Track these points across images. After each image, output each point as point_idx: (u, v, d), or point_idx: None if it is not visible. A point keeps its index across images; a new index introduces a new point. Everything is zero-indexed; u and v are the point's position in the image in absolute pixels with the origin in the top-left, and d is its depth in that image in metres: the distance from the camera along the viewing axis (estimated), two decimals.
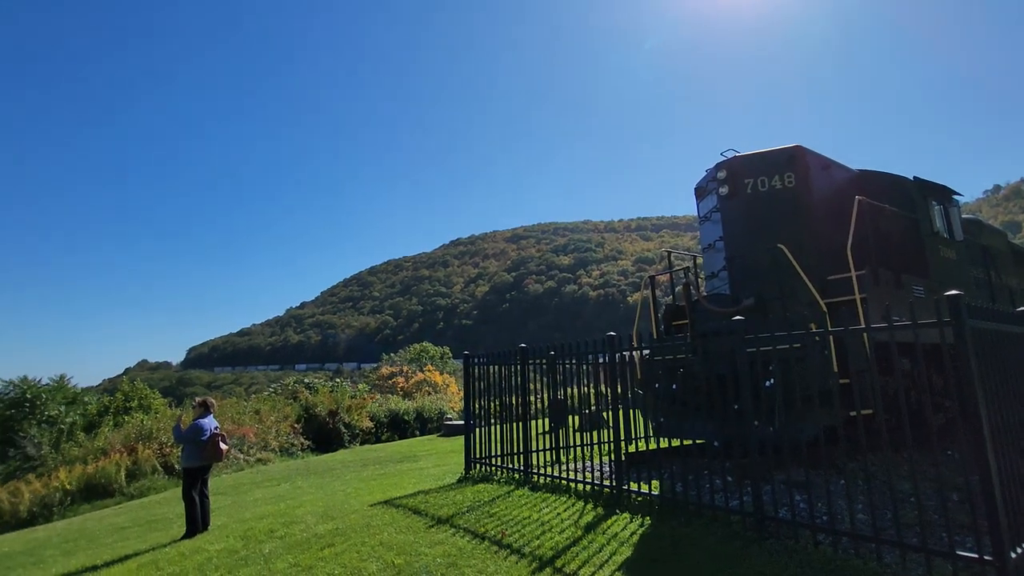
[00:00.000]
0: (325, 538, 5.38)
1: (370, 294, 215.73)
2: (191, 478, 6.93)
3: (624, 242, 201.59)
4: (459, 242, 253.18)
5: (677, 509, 5.14)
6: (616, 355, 6.24)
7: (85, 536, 8.62)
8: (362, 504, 6.81)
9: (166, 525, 8.18)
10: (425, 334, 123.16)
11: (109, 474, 14.48)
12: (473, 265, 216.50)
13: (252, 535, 5.89)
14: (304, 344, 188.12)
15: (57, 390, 22.19)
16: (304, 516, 6.45)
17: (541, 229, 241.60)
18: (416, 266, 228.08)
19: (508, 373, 7.92)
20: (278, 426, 18.59)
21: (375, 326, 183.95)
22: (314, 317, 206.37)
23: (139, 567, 5.43)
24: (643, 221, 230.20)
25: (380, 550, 4.85)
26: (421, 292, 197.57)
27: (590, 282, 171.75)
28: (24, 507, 13.45)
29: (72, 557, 7.03)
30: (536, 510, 5.73)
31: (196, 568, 5.03)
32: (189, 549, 5.80)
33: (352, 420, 20.30)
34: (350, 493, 8.15)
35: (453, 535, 5.11)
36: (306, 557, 4.88)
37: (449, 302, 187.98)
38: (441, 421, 22.53)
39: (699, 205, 8.65)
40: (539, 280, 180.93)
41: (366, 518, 5.98)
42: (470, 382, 8.47)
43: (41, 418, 20.55)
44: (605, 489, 5.98)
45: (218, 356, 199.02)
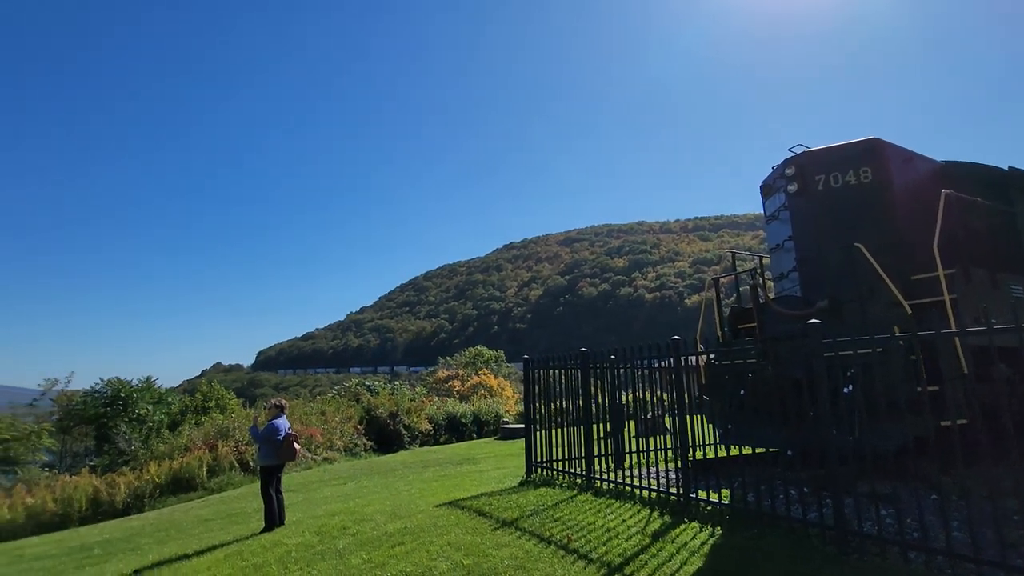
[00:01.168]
0: (395, 536, 5.56)
1: (426, 299, 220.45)
2: (268, 476, 7.32)
3: (681, 243, 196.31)
4: (512, 246, 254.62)
5: (750, 520, 4.96)
6: (681, 359, 6.10)
7: (174, 526, 9.28)
8: (427, 504, 6.98)
9: (245, 519, 8.68)
10: (479, 338, 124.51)
11: (192, 469, 15.51)
12: (526, 269, 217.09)
13: (326, 531, 6.17)
14: (364, 348, 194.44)
15: (145, 390, 23.87)
16: (373, 515, 6.68)
17: (595, 231, 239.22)
18: (470, 270, 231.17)
19: (569, 377, 7.90)
20: (342, 427, 19.31)
21: (431, 330, 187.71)
22: (373, 321, 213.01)
23: (226, 557, 5.81)
24: (700, 221, 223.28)
25: (448, 550, 4.95)
26: (475, 296, 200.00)
27: (646, 284, 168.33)
28: (120, 498, 14.61)
29: (165, 545, 7.59)
30: (601, 516, 5.69)
31: (277, 560, 5.32)
32: (269, 542, 6.14)
33: (411, 422, 20.82)
34: (414, 493, 8.37)
35: (519, 538, 5.15)
36: (378, 554, 5.06)
37: (503, 306, 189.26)
38: (498, 424, 22.71)
39: (765, 204, 8.34)
40: (593, 283, 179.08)
41: (432, 518, 6.13)
42: (530, 386, 8.51)
43: (132, 416, 22.13)
44: (671, 497, 5.85)
45: (284, 359, 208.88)
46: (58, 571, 7.15)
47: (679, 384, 6.03)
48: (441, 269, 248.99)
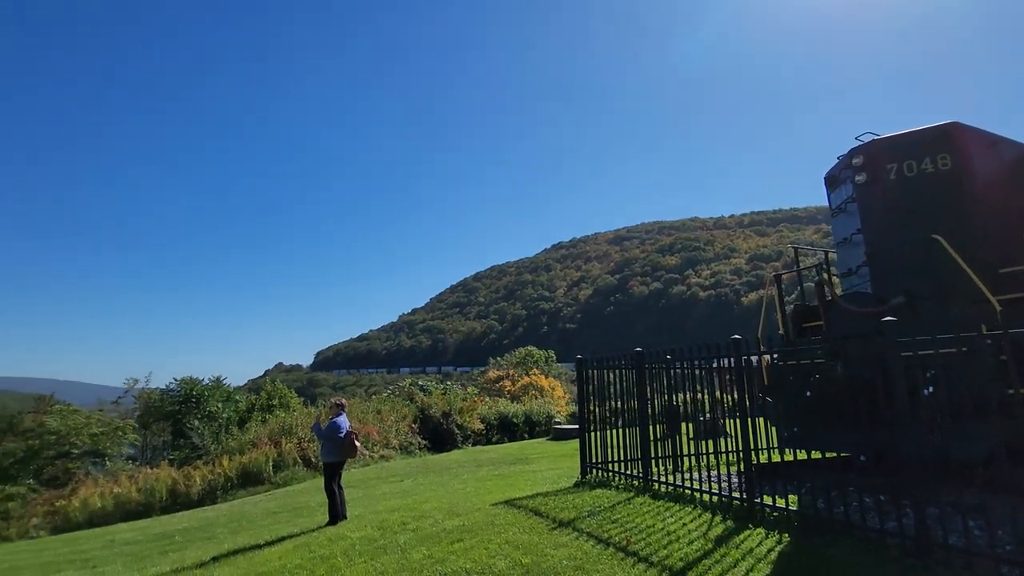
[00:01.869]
0: (453, 533, 5.65)
1: (476, 299, 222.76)
2: (331, 472, 7.61)
3: (736, 239, 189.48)
4: (561, 245, 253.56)
5: (820, 527, 4.73)
6: (742, 359, 5.90)
7: (245, 518, 9.79)
8: (484, 503, 7.06)
9: (310, 512, 9.05)
10: (529, 338, 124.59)
11: (259, 464, 16.31)
12: (575, 268, 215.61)
13: (387, 526, 6.35)
14: (416, 348, 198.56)
15: (215, 389, 25.24)
16: (431, 511, 6.82)
17: (645, 229, 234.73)
18: (519, 271, 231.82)
19: (623, 378, 7.80)
20: (397, 425, 19.80)
21: (481, 330, 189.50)
22: (424, 322, 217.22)
23: (294, 548, 6.09)
24: (757, 216, 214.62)
25: (507, 548, 4.99)
26: (525, 297, 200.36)
27: (699, 282, 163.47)
28: (196, 490, 15.56)
29: (238, 535, 8.03)
30: (660, 519, 5.58)
31: (342, 552, 5.53)
32: (333, 535, 6.39)
33: (464, 421, 21.10)
34: (470, 492, 8.48)
35: (577, 538, 5.13)
36: (438, 550, 5.17)
37: (552, 306, 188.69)
38: (549, 425, 22.66)
39: (831, 196, 7.93)
40: (644, 282, 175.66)
41: (489, 516, 6.19)
42: (583, 387, 8.46)
43: (203, 413, 23.47)
44: (734, 501, 5.66)
45: (341, 359, 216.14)
46: (144, 556, 7.70)
47: (741, 385, 5.83)
48: (490, 270, 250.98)
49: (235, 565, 5.79)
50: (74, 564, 7.74)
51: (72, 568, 7.45)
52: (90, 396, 28.17)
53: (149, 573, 6.15)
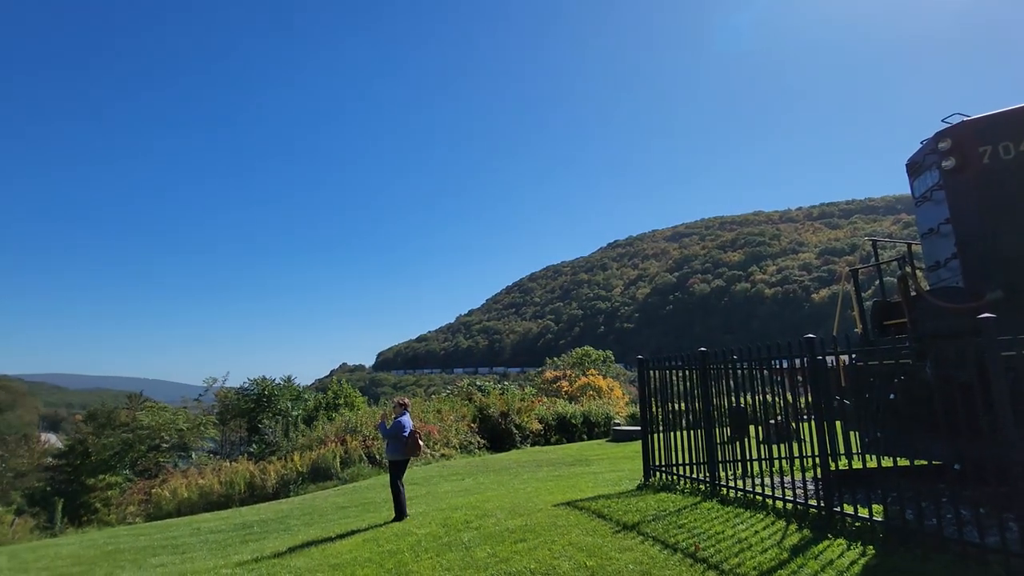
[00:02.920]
0: (516, 533, 5.68)
1: (531, 300, 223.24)
2: (396, 469, 7.83)
3: (805, 232, 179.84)
4: (617, 244, 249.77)
5: (909, 540, 4.40)
6: (816, 359, 5.59)
7: (316, 511, 10.24)
8: (545, 504, 7.05)
9: (376, 508, 9.36)
10: (586, 338, 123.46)
11: (328, 460, 17.01)
12: (632, 267, 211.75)
13: (451, 524, 6.46)
14: (473, 349, 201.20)
15: (286, 388, 26.52)
16: (494, 511, 6.88)
17: (705, 225, 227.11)
18: (575, 271, 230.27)
19: (686, 378, 7.58)
20: (457, 425, 20.11)
21: (537, 331, 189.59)
22: (481, 323, 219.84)
23: (363, 542, 6.31)
24: (827, 207, 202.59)
25: (570, 550, 4.96)
26: (581, 296, 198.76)
27: (765, 279, 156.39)
28: (271, 483, 16.44)
29: (311, 528, 8.41)
30: (729, 525, 5.37)
31: (409, 548, 5.67)
32: (400, 531, 6.57)
33: (522, 422, 21.15)
34: (531, 492, 8.49)
35: (642, 542, 5.02)
36: (502, 549, 5.20)
37: (609, 305, 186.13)
38: (609, 426, 22.34)
39: (914, 184, 7.37)
40: (705, 279, 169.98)
41: (551, 517, 6.18)
42: (645, 387, 8.28)
43: (275, 411, 24.73)
44: (811, 509, 5.37)
45: (401, 360, 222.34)
46: (228, 543, 8.21)
47: (815, 387, 5.52)
48: (545, 270, 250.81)
49: (310, 556, 6.06)
50: (167, 549, 8.36)
51: (165, 553, 8.06)
52: (175, 394, 30.34)
53: (232, 560, 6.54)
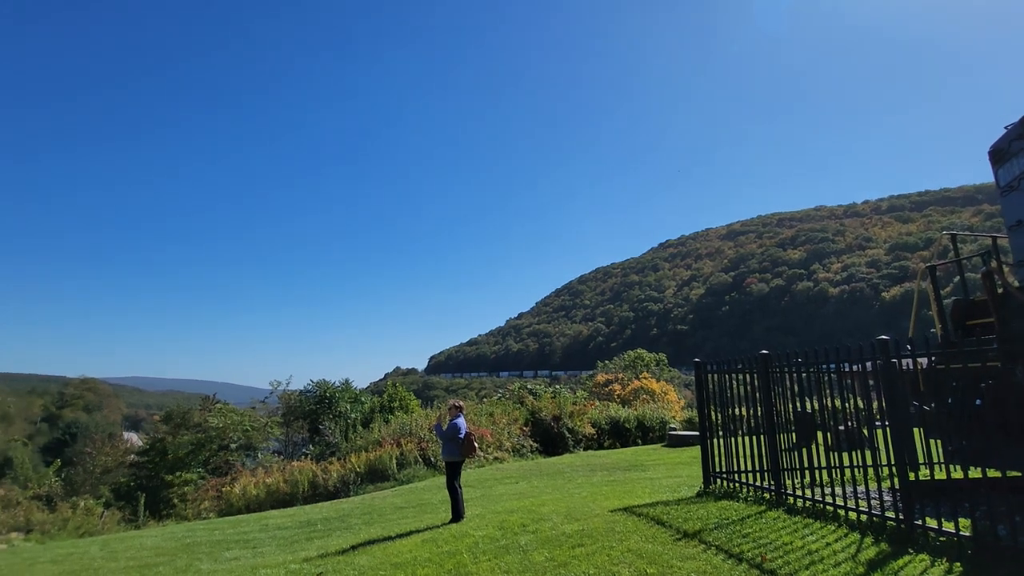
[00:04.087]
0: (573, 538, 5.64)
1: (581, 302, 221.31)
2: (452, 471, 7.95)
3: (873, 227, 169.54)
4: (668, 244, 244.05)
5: (1002, 558, 4.07)
6: (891, 362, 5.27)
7: (375, 511, 10.53)
8: (602, 509, 6.97)
9: (433, 509, 9.52)
10: (638, 340, 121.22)
11: (384, 462, 17.46)
12: (685, 267, 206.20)
13: (507, 526, 6.49)
14: (523, 352, 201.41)
15: (344, 391, 27.45)
16: (549, 514, 6.87)
17: (762, 222, 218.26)
18: (625, 272, 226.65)
19: (747, 382, 7.31)
20: (509, 428, 20.18)
21: (587, 333, 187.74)
22: (531, 327, 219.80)
23: (423, 542, 6.44)
24: (897, 199, 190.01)
25: (630, 556, 4.88)
26: (632, 298, 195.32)
27: (829, 277, 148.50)
28: (331, 483, 17.04)
29: (371, 527, 8.66)
30: (797, 536, 5.13)
31: (467, 549, 5.75)
32: (457, 532, 6.66)
33: (574, 425, 20.99)
34: (586, 497, 8.41)
35: (704, 551, 4.88)
36: (560, 553, 5.18)
37: (662, 307, 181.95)
38: (664, 431, 21.84)
39: (998, 172, 6.84)
40: (763, 278, 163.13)
41: (609, 523, 6.10)
42: (702, 391, 8.05)
43: (335, 413, 25.63)
44: (888, 522, 5.06)
45: (452, 363, 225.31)
46: (294, 540, 8.58)
47: (891, 392, 5.21)
48: (595, 272, 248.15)
49: (372, 554, 6.25)
50: (239, 544, 8.82)
51: (238, 547, 8.50)
52: (243, 396, 31.97)
53: (299, 556, 6.83)
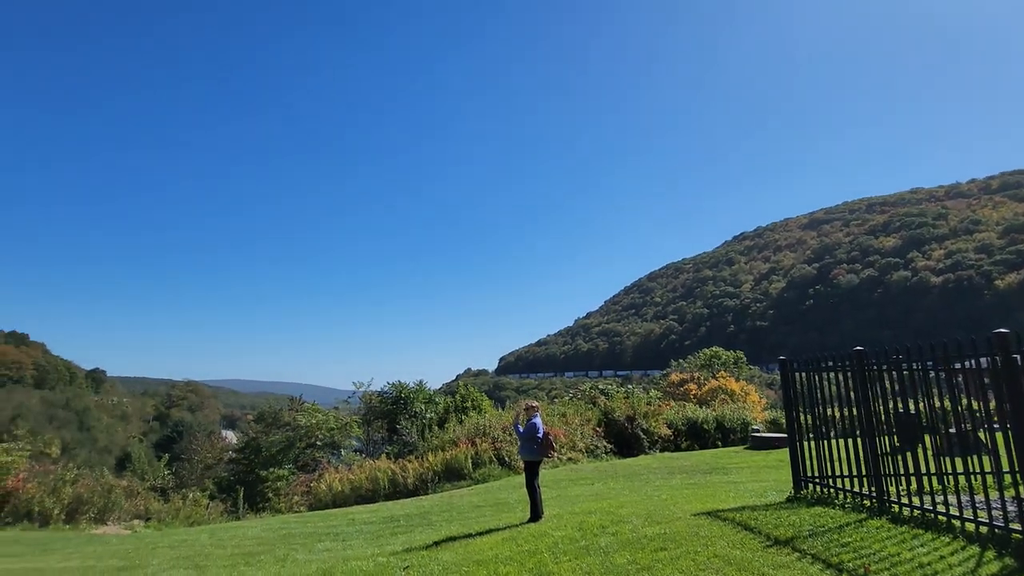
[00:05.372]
0: (655, 541, 5.51)
1: (652, 300, 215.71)
2: (531, 470, 7.99)
3: (982, 208, 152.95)
4: (744, 236, 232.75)
5: None
6: (1011, 358, 4.75)
7: (454, 509, 10.79)
8: (684, 512, 6.76)
9: (510, 508, 9.62)
10: (714, 338, 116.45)
11: (460, 461, 17.84)
12: (763, 260, 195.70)
13: (586, 527, 6.45)
14: (593, 352, 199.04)
15: (419, 391, 28.31)
16: (629, 516, 6.75)
17: (849, 208, 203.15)
18: (697, 267, 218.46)
19: (840, 381, 6.84)
20: (582, 429, 20.02)
21: (659, 332, 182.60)
22: (600, 326, 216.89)
23: (503, 540, 6.53)
24: (1011, 176, 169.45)
25: (717, 562, 4.70)
26: (705, 294, 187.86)
27: (929, 265, 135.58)
28: (410, 481, 17.64)
29: (451, 524, 8.89)
30: (905, 547, 4.74)
31: (548, 548, 5.76)
32: (536, 532, 6.70)
33: (650, 426, 20.50)
34: (666, 499, 8.19)
35: (798, 560, 4.61)
36: (642, 556, 5.08)
37: (738, 303, 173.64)
38: (745, 432, 20.87)
39: None
40: (852, 269, 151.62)
41: (692, 527, 5.90)
42: (790, 391, 7.61)
43: (411, 413, 26.48)
44: (1013, 534, 4.56)
45: (522, 364, 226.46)
46: (380, 534, 8.96)
47: (1013, 391, 4.69)
48: (665, 268, 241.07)
49: (454, 551, 6.41)
50: (329, 536, 9.33)
51: (328, 539, 8.99)
52: (326, 397, 33.76)
53: (386, 550, 7.13)
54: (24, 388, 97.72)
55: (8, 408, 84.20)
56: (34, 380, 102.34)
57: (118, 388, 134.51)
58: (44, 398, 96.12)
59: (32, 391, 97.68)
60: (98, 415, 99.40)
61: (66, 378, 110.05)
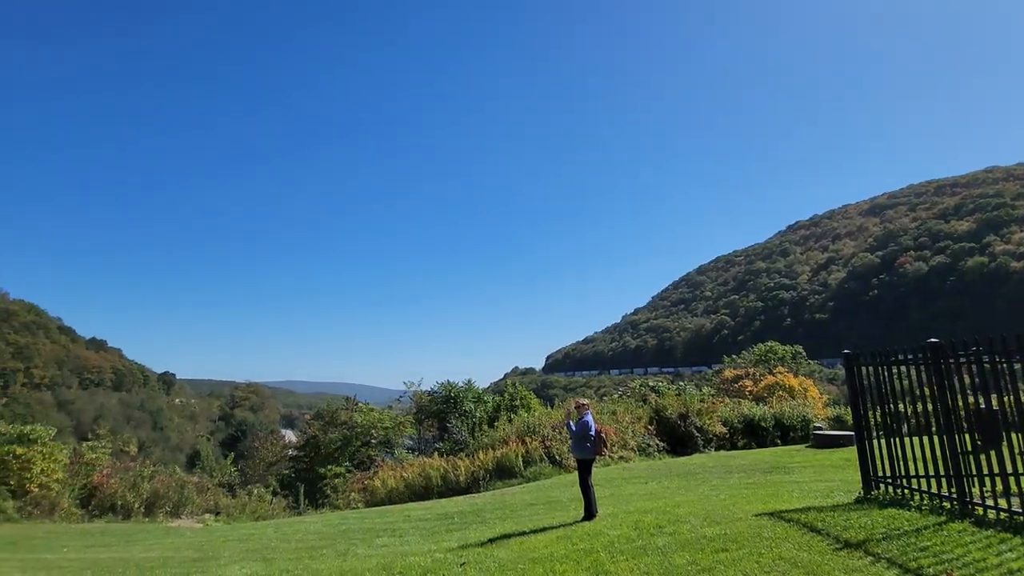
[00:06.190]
0: (715, 542, 5.35)
1: (701, 294, 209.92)
2: (584, 468, 7.92)
3: None
4: (799, 225, 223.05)
5: None
6: None
7: (507, 507, 10.84)
8: (744, 512, 6.54)
9: (563, 507, 9.58)
10: (769, 332, 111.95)
11: (511, 459, 17.91)
12: (821, 249, 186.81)
13: (642, 527, 6.34)
14: (642, 348, 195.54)
15: (468, 390, 28.60)
16: (687, 516, 6.59)
17: (914, 191, 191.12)
18: (749, 259, 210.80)
19: (913, 375, 6.44)
20: (633, 427, 19.70)
21: (711, 327, 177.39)
22: (648, 322, 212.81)
23: (557, 538, 6.51)
24: None
25: (783, 565, 4.52)
26: (759, 287, 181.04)
27: (1009, 249, 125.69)
28: (462, 478, 17.85)
29: (505, 522, 8.94)
30: (991, 552, 4.41)
31: (604, 547, 5.70)
32: (591, 531, 6.64)
33: (704, 424, 19.95)
34: (724, 499, 7.94)
35: (872, 564, 4.37)
36: (702, 557, 4.94)
37: (795, 295, 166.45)
38: (806, 430, 19.99)
39: None
40: (920, 256, 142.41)
41: (754, 528, 5.70)
42: (856, 386, 7.22)
43: (461, 412, 26.78)
44: None
45: (569, 362, 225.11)
46: (435, 531, 9.11)
47: None
48: (715, 262, 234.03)
49: (509, 548, 6.44)
50: (386, 532, 9.56)
51: (386, 535, 9.22)
52: (379, 397, 34.68)
53: (443, 546, 7.24)
54: (104, 391, 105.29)
55: (91, 409, 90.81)
56: (112, 383, 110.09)
57: (186, 390, 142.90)
58: (122, 400, 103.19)
59: (111, 393, 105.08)
60: (169, 415, 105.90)
61: (140, 381, 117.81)
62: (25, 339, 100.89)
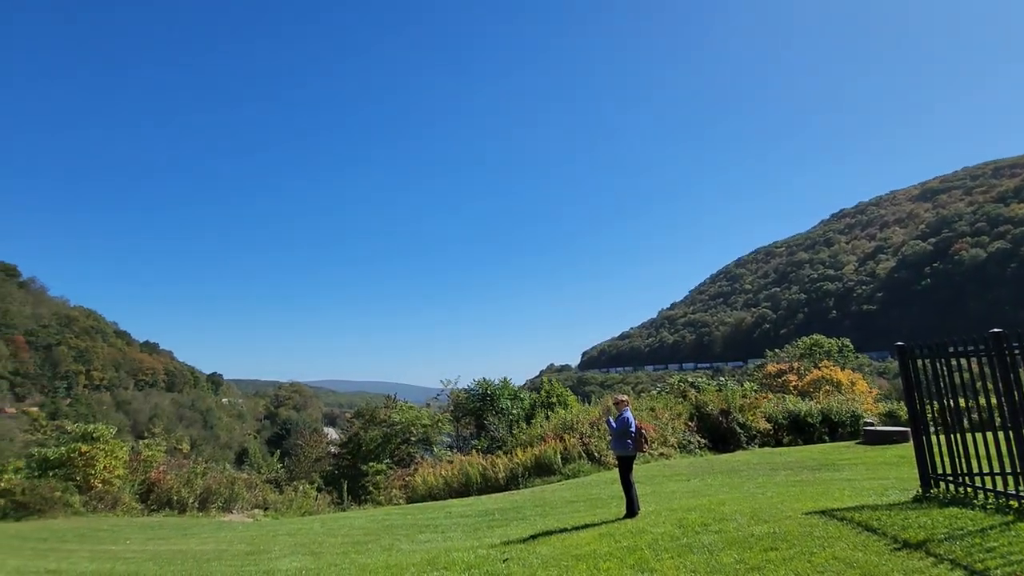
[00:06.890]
0: (764, 540, 5.21)
1: (741, 287, 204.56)
2: (625, 465, 7.84)
3: None
4: (843, 214, 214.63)
5: None
6: None
7: (546, 504, 10.83)
8: (793, 511, 6.34)
9: (604, 504, 9.50)
10: (814, 325, 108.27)
11: (549, 456, 17.89)
12: (867, 238, 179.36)
13: (687, 524, 6.22)
14: (680, 344, 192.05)
15: (504, 388, 28.70)
16: (732, 514, 6.43)
17: (969, 174, 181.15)
18: (791, 250, 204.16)
19: (973, 368, 6.11)
20: (673, 423, 19.38)
21: (751, 321, 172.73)
22: (686, 316, 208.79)
23: (599, 536, 6.46)
24: None
25: (836, 565, 4.36)
26: (802, 278, 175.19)
27: None
28: (500, 475, 17.94)
29: (545, 519, 8.94)
30: None
31: (648, 545, 5.62)
32: (634, 528, 6.56)
33: (746, 420, 19.46)
34: (771, 497, 7.73)
35: (934, 565, 4.17)
36: (751, 556, 4.82)
37: (840, 286, 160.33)
38: (856, 426, 19.26)
39: None
40: (978, 242, 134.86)
41: (804, 526, 5.52)
42: (911, 379, 6.90)
43: (497, 409, 26.89)
44: None
45: (605, 358, 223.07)
46: (476, 527, 9.19)
47: None
48: (755, 254, 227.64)
49: (552, 545, 6.43)
50: (428, 528, 9.70)
51: (428, 531, 9.36)
52: (417, 395, 35.18)
53: (485, 543, 7.29)
54: (158, 391, 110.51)
55: (146, 409, 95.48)
56: (165, 384, 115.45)
57: (233, 390, 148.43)
58: (174, 400, 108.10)
59: (164, 394, 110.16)
60: (219, 414, 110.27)
61: (191, 382, 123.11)
62: (85, 343, 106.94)
